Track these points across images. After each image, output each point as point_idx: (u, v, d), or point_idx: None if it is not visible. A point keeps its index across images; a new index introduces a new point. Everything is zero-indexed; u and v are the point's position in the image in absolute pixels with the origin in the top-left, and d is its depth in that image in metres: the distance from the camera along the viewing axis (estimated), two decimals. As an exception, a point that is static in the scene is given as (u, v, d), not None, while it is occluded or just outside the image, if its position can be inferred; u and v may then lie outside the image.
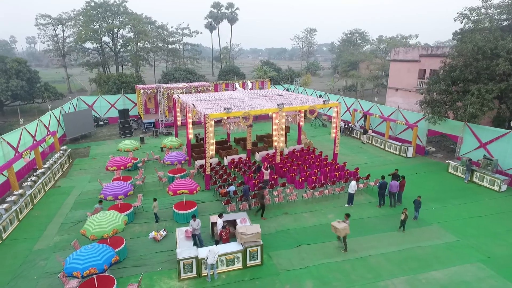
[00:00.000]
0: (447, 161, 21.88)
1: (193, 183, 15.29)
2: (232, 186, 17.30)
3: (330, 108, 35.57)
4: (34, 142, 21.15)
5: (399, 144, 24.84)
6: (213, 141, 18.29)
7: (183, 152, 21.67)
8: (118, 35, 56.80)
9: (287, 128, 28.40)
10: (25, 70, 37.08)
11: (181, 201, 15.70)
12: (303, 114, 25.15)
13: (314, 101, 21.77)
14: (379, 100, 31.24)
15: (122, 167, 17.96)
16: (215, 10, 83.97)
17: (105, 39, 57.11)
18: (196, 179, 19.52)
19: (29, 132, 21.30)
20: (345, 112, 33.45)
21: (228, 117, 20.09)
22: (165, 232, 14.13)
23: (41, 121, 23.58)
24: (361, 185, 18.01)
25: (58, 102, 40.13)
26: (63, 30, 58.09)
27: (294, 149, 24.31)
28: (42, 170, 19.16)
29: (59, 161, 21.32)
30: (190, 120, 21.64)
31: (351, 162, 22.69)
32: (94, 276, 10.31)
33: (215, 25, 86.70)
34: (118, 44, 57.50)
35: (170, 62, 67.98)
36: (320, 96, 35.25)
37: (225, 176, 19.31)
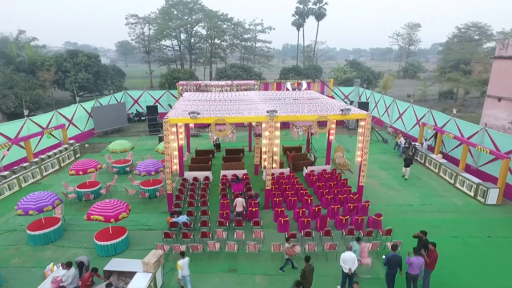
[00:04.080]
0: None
1: (119, 208, 11.70)
2: (183, 216, 13.06)
3: (399, 118, 27.75)
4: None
5: (476, 181, 16.37)
6: (175, 153, 14.34)
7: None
8: (193, 31, 57.66)
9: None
10: (93, 64, 39.75)
11: (107, 227, 12.30)
12: (332, 124, 19.02)
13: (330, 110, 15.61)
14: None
15: (80, 172, 15.67)
16: (301, 6, 79.11)
17: (182, 36, 58.76)
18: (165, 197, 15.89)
19: (36, 123, 21.16)
20: (413, 127, 25.11)
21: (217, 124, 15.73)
22: (63, 270, 10.66)
23: (58, 112, 23.56)
24: (367, 244, 11.43)
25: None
26: (150, 29, 62.14)
27: (312, 171, 18.38)
28: (25, 164, 18.41)
29: (57, 156, 20.58)
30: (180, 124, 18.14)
31: (389, 200, 15.85)
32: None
33: (302, 22, 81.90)
34: (192, 40, 58.44)
35: (245, 60, 66.35)
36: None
37: (193, 199, 15.20)
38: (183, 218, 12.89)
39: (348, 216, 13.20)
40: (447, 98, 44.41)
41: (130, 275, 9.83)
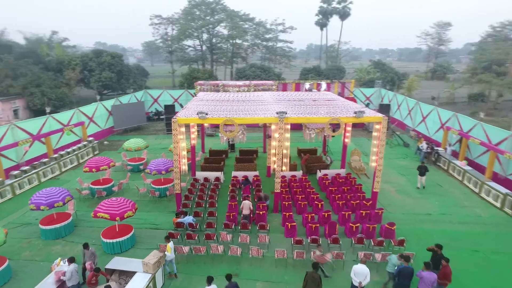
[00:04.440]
0: None
1: (125, 206, 11.77)
2: (189, 216, 12.96)
3: (422, 121, 26.47)
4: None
5: (504, 191, 15.22)
6: (184, 152, 14.28)
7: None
8: (214, 32, 58.05)
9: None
10: (117, 63, 40.83)
11: (114, 224, 12.40)
12: (348, 127, 18.42)
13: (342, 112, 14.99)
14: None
15: (94, 169, 15.98)
16: (325, 5, 77.77)
17: (204, 36, 59.29)
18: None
19: (57, 120, 21.90)
20: (437, 131, 23.87)
21: (226, 125, 15.50)
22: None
23: (79, 110, 24.28)
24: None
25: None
26: (173, 29, 63.17)
27: (325, 175, 17.81)
28: (45, 160, 19.06)
29: (75, 152, 21.19)
30: (193, 124, 18.12)
31: (405, 208, 15.09)
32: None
33: (325, 21, 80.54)
34: (214, 40, 58.83)
35: (267, 60, 66.05)
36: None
37: (201, 200, 15.10)
38: (188, 219, 12.80)
39: (359, 224, 12.60)
40: (478, 101, 42.00)
41: (131, 274, 9.81)
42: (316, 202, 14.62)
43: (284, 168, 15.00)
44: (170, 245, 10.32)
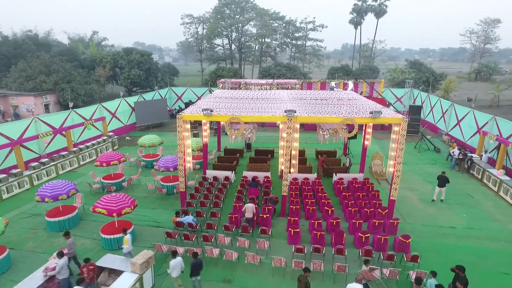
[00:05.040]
0: None
1: (123, 203, 11.60)
2: (190, 216, 12.54)
3: (456, 125, 24.27)
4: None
5: (546, 207, 13.30)
6: (189, 150, 13.90)
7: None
8: (244, 30, 57.91)
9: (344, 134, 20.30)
10: (145, 61, 41.83)
11: (113, 220, 12.28)
12: (368, 129, 17.19)
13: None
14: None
15: (104, 164, 16.12)
16: (359, 3, 74.91)
17: (233, 35, 59.36)
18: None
19: (80, 115, 22.59)
20: (473, 136, 21.73)
21: (232, 123, 14.94)
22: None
23: (102, 106, 24.93)
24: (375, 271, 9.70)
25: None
26: (203, 28, 63.89)
27: (341, 179, 16.68)
28: (64, 153, 19.64)
29: (94, 146, 21.69)
30: (204, 121, 17.77)
31: (427, 220, 13.77)
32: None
33: (360, 20, 77.63)
34: (243, 39, 58.70)
35: (296, 59, 64.86)
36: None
37: (207, 199, 14.68)
38: (188, 219, 12.39)
39: (368, 234, 11.49)
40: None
41: (120, 273, 9.55)
42: (326, 207, 13.65)
43: (292, 170, 14.16)
44: (127, 237, 10.28)
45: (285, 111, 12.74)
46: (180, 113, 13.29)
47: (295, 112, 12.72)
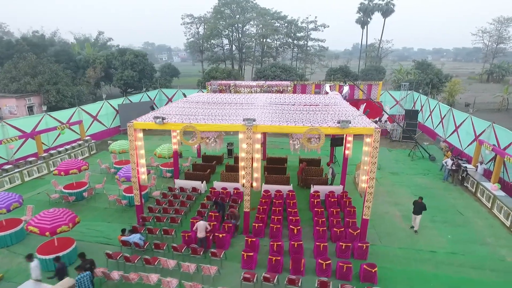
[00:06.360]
0: None
1: (59, 220, 10.54)
2: (137, 234, 11.41)
3: (454, 132, 22.51)
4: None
5: (541, 230, 11.65)
6: (142, 161, 12.78)
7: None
8: (244, 30, 56.77)
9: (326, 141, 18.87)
10: (139, 62, 41.06)
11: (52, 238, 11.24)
12: (349, 137, 15.81)
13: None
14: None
15: (62, 173, 15.17)
16: (366, 2, 72.82)
17: (234, 35, 58.28)
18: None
19: (55, 119, 21.81)
20: (470, 144, 20.01)
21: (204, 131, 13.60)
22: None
23: (81, 108, 24.12)
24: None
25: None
26: (204, 28, 63.00)
27: (316, 191, 15.28)
28: (31, 159, 18.81)
29: (68, 152, 20.85)
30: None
31: (406, 241, 12.32)
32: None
33: (366, 19, 75.51)
34: (243, 39, 57.55)
35: (298, 60, 63.35)
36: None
37: (166, 213, 13.52)
38: (135, 238, 11.28)
39: (329, 261, 10.12)
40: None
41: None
42: (291, 226, 12.34)
43: (255, 184, 12.89)
44: (33, 265, 9.26)
45: (244, 120, 11.48)
46: (131, 121, 12.20)
47: (254, 120, 11.46)
